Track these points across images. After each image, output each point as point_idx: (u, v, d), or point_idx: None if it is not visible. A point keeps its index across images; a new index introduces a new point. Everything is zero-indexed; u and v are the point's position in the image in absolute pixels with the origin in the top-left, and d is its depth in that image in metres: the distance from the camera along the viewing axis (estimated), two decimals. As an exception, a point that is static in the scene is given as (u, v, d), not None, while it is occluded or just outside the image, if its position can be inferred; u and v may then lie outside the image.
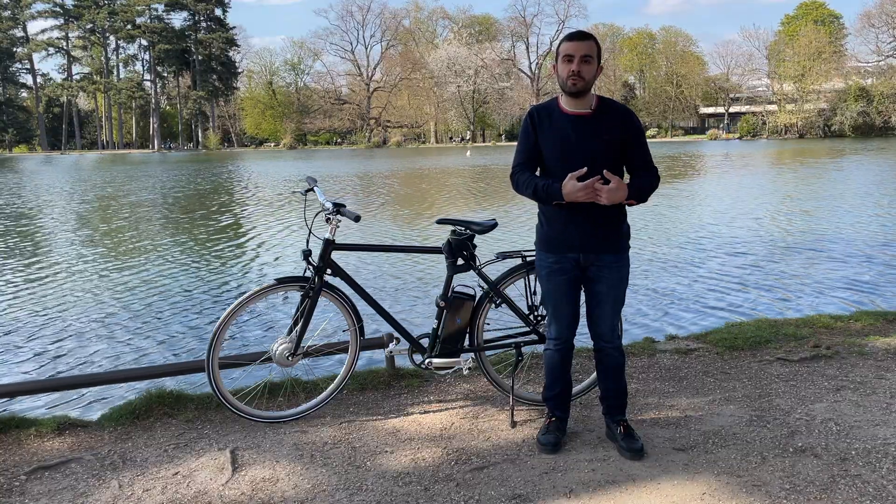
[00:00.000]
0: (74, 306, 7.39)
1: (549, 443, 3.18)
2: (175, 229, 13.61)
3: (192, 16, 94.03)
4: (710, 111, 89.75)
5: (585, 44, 2.97)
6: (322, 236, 3.57)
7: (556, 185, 2.94)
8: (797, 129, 69.99)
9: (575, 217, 3.03)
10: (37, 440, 3.45)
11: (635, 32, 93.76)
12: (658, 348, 4.64)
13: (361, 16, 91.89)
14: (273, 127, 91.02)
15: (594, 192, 2.89)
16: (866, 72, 73.28)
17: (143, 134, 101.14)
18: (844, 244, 10.07)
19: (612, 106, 3.10)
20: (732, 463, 3.01)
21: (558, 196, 2.94)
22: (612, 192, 2.88)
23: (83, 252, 10.98)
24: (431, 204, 17.38)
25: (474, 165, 35.20)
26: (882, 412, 3.48)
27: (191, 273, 9.11)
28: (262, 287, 3.53)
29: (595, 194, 2.89)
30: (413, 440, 3.35)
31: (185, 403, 3.81)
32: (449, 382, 4.10)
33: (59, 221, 15.18)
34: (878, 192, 17.10)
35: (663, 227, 12.29)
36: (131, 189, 24.27)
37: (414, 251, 4.35)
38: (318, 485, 2.95)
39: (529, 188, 3.05)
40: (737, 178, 23.79)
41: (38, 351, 5.91)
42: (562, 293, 3.14)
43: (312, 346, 3.68)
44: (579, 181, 2.89)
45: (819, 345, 4.56)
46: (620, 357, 3.24)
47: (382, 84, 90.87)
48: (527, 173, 3.12)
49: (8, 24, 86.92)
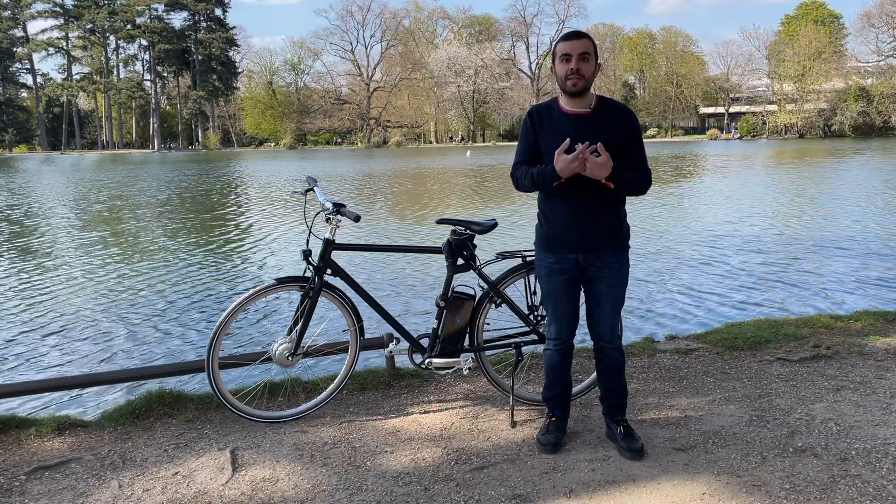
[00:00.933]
0: (74, 306, 7.38)
1: (549, 443, 3.18)
2: (175, 229, 13.60)
3: (192, 16, 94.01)
4: (710, 111, 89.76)
5: (582, 42, 2.97)
6: (322, 236, 3.58)
7: (549, 167, 2.96)
8: (797, 129, 70.02)
9: (575, 217, 3.03)
10: (37, 440, 3.45)
11: (635, 32, 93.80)
12: (658, 348, 4.64)
13: (361, 16, 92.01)
14: (273, 127, 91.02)
15: (583, 162, 2.88)
16: (866, 72, 73.30)
17: (143, 134, 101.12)
18: (851, 242, 10.07)
19: (612, 105, 3.11)
20: (732, 463, 3.01)
21: (554, 175, 2.94)
22: (597, 165, 2.86)
23: (83, 252, 10.98)
24: (431, 204, 17.38)
25: (475, 166, 35.19)
26: (882, 412, 3.48)
27: (190, 273, 9.11)
28: (261, 287, 3.53)
29: (583, 165, 2.88)
30: (413, 440, 3.35)
31: (185, 403, 3.81)
32: (449, 382, 4.10)
33: (59, 222, 15.18)
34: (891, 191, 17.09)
35: (664, 226, 12.28)
36: (131, 189, 24.27)
37: (414, 251, 4.34)
38: (318, 485, 2.95)
39: (527, 178, 3.07)
40: (738, 178, 23.80)
41: (38, 351, 5.91)
42: (561, 293, 3.14)
43: (312, 346, 3.68)
44: (567, 153, 2.89)
45: (819, 345, 4.56)
46: (620, 357, 3.24)
47: (382, 84, 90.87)
48: (524, 168, 3.13)
49: (8, 24, 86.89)
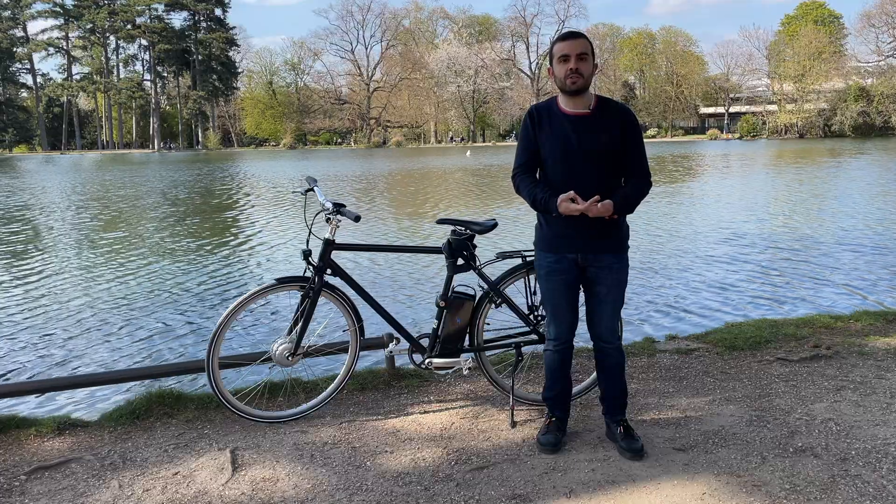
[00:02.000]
0: (74, 306, 7.38)
1: (549, 443, 3.18)
2: (175, 229, 13.60)
3: (192, 16, 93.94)
4: (710, 111, 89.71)
5: (579, 42, 2.98)
6: (322, 236, 3.58)
7: (553, 202, 2.98)
8: (797, 129, 69.99)
9: (574, 218, 3.02)
10: (37, 440, 3.45)
11: (635, 32, 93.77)
12: (658, 348, 4.64)
13: (361, 16, 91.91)
14: (273, 127, 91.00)
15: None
16: (866, 72, 73.26)
17: (143, 134, 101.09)
18: (852, 242, 10.08)
19: (612, 105, 3.10)
20: (732, 463, 3.01)
21: (555, 210, 2.98)
22: (599, 212, 2.92)
23: (83, 252, 10.98)
24: (431, 204, 17.38)
25: (475, 166, 35.19)
26: (882, 412, 3.48)
27: (190, 273, 9.11)
28: (261, 287, 3.53)
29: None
30: (413, 440, 3.35)
31: (185, 403, 3.81)
32: (449, 382, 4.10)
33: (59, 222, 15.18)
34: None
35: (664, 226, 12.28)
36: (132, 190, 24.26)
37: (414, 251, 4.35)
38: (318, 485, 2.95)
39: (529, 197, 3.10)
40: (740, 178, 23.79)
41: (38, 351, 5.91)
42: (561, 293, 3.14)
43: (312, 346, 3.68)
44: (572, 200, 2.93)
45: (819, 345, 4.56)
46: (620, 357, 3.24)
47: (382, 84, 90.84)
48: (528, 179, 3.14)
49: (8, 24, 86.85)
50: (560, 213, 2.97)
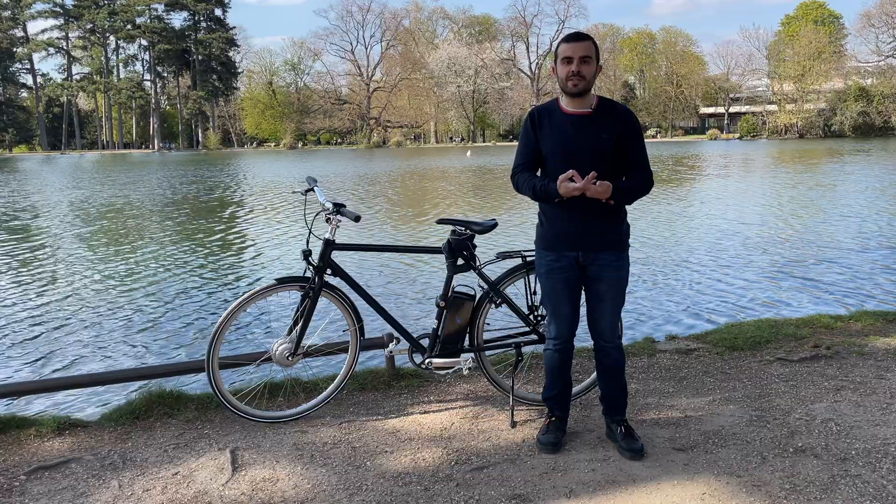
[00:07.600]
0: (74, 306, 7.38)
1: (549, 443, 3.18)
2: (175, 229, 13.60)
3: (192, 16, 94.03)
4: (710, 111, 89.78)
5: (583, 44, 2.98)
6: (322, 236, 3.58)
7: (552, 185, 2.98)
8: (797, 129, 70.02)
9: (574, 216, 3.03)
10: (37, 440, 3.45)
11: (635, 33, 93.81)
12: (658, 348, 4.64)
13: (361, 16, 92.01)
14: (273, 127, 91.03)
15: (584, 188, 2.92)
16: (866, 72, 73.30)
17: (143, 134, 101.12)
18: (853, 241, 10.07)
19: (613, 106, 3.11)
20: (732, 463, 3.01)
21: (556, 194, 2.98)
22: (598, 192, 2.92)
23: (83, 252, 10.98)
24: (431, 204, 17.38)
25: (475, 166, 35.18)
26: (882, 412, 3.48)
27: (191, 273, 9.11)
28: (262, 287, 3.53)
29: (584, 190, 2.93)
30: (413, 440, 3.35)
31: (185, 403, 3.81)
32: (449, 382, 4.10)
33: (59, 222, 15.17)
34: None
35: (664, 226, 12.28)
36: (132, 190, 24.26)
37: (414, 251, 4.35)
38: (318, 485, 2.95)
39: (529, 188, 3.10)
40: (741, 178, 23.79)
41: (38, 351, 5.91)
42: (561, 292, 3.14)
43: (312, 346, 3.68)
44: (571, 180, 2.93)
45: (819, 345, 4.56)
46: (620, 357, 3.24)
47: (382, 84, 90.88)
48: (526, 174, 3.14)
49: (8, 24, 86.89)
50: (562, 197, 2.96)
